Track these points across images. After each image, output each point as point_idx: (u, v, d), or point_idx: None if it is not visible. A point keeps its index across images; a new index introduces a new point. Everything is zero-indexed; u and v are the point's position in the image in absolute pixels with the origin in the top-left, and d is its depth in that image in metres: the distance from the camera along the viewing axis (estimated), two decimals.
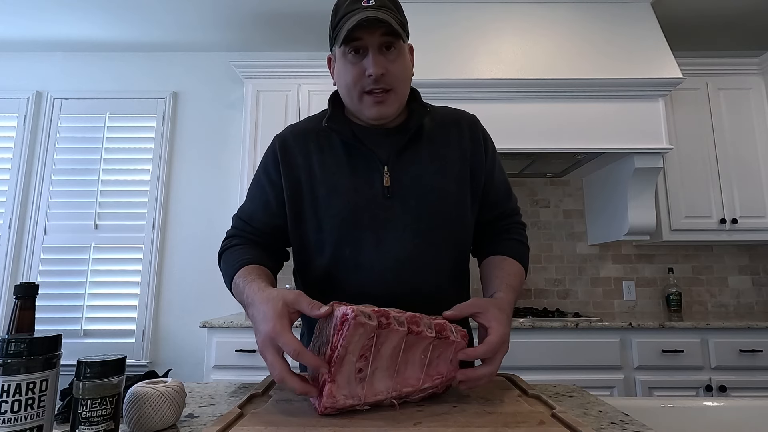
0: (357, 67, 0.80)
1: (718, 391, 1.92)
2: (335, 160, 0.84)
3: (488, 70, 2.20)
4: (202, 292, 2.69)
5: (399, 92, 0.83)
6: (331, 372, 0.57)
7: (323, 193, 0.83)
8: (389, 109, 0.82)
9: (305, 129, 0.90)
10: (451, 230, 0.85)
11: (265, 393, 0.69)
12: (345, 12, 0.79)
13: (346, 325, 0.56)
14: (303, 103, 2.52)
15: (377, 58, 0.79)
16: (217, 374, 2.00)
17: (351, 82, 0.81)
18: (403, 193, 0.83)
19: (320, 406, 0.57)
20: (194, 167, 2.82)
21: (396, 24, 0.78)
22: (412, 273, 0.81)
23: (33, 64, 2.91)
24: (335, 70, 0.86)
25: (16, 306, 0.55)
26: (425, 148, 0.87)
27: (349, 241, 0.81)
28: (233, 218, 0.91)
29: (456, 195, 0.86)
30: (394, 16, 0.80)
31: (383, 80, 0.79)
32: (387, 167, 0.83)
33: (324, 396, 0.57)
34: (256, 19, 2.60)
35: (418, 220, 0.82)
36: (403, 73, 0.83)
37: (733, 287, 2.66)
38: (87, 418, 0.53)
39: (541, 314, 2.25)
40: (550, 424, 0.55)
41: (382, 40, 0.78)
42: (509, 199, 0.95)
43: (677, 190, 2.41)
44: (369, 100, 0.81)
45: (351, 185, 0.82)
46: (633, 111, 2.18)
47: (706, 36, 2.75)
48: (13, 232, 2.70)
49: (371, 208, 0.82)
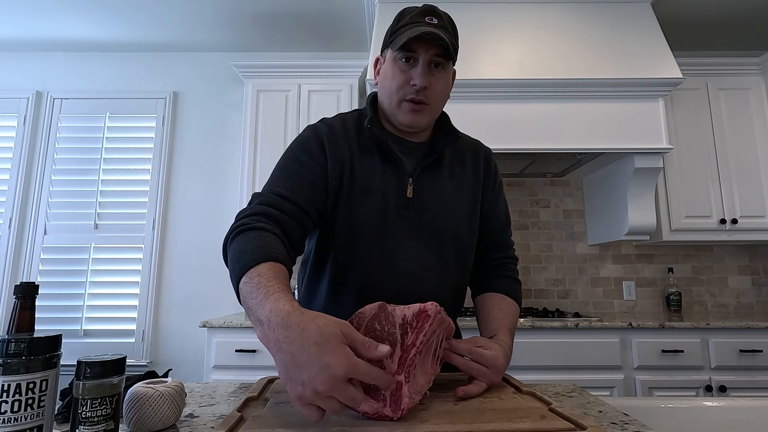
0: (405, 75, 0.84)
1: (718, 391, 1.92)
2: (372, 161, 0.87)
3: (488, 70, 2.20)
4: (202, 292, 2.69)
5: (435, 108, 0.88)
6: (407, 372, 0.56)
7: (357, 191, 0.85)
8: (423, 119, 0.86)
9: (345, 125, 0.91)
10: (459, 248, 0.90)
11: (260, 396, 0.69)
12: (409, 21, 0.84)
13: (429, 321, 0.57)
14: (303, 103, 2.52)
15: (426, 71, 0.83)
16: (217, 374, 2.00)
17: (396, 87, 0.85)
18: (421, 207, 0.87)
19: (397, 410, 0.55)
20: (194, 167, 2.82)
21: (451, 47, 0.82)
22: (419, 283, 0.85)
23: (33, 64, 2.91)
24: (382, 71, 0.90)
25: (16, 306, 0.55)
26: (446, 168, 0.92)
27: (369, 242, 0.84)
28: (255, 196, 0.78)
29: (467, 217, 0.91)
30: (451, 39, 0.84)
31: (425, 93, 0.84)
32: (412, 179, 0.87)
33: (403, 398, 0.55)
34: (257, 19, 2.60)
35: (431, 235, 0.87)
36: (443, 91, 0.88)
37: (733, 287, 2.66)
38: (87, 418, 0.53)
39: (541, 314, 2.25)
40: (552, 418, 0.57)
41: (434, 57, 0.83)
42: (506, 231, 1.00)
43: (677, 190, 2.41)
44: (407, 107, 0.85)
45: (381, 189, 0.85)
46: (633, 111, 2.18)
47: (706, 36, 2.75)
48: (13, 232, 2.70)
49: (393, 215, 0.85)
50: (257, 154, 2.47)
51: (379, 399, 0.56)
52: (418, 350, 0.57)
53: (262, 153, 2.46)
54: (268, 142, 2.47)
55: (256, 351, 2.00)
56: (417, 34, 0.79)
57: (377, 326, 0.60)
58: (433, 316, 0.58)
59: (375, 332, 0.60)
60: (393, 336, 0.58)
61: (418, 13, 0.84)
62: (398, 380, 0.56)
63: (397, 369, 0.57)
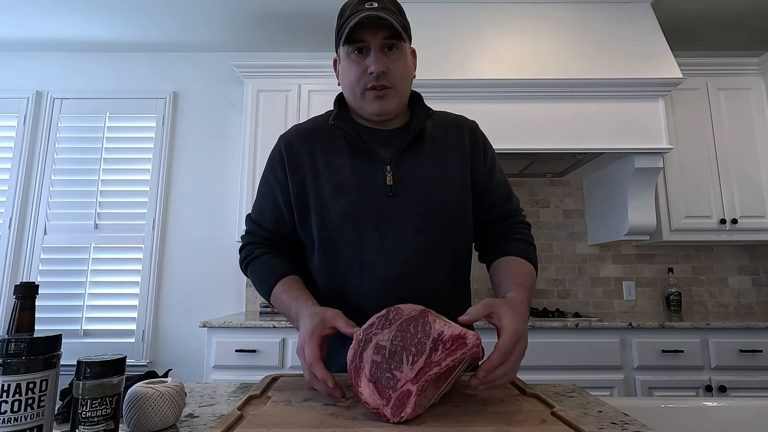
0: (360, 66, 0.83)
1: (718, 391, 1.92)
2: (340, 159, 0.87)
3: (488, 70, 2.20)
4: (202, 292, 2.69)
5: (400, 90, 0.86)
6: (420, 386, 0.56)
7: (328, 192, 0.85)
8: (390, 104, 0.85)
9: (310, 128, 0.92)
10: (452, 229, 0.87)
11: (263, 394, 0.69)
12: (350, 14, 0.83)
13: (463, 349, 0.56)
14: (303, 103, 2.52)
15: (379, 56, 0.82)
16: (217, 374, 2.00)
17: (354, 80, 0.84)
18: (406, 192, 0.85)
19: (397, 415, 0.55)
20: (194, 167, 2.82)
21: (398, 25, 0.81)
22: (414, 270, 0.83)
23: (33, 64, 2.91)
24: (340, 70, 0.89)
25: (16, 306, 0.55)
26: (427, 148, 0.89)
27: (353, 239, 0.83)
28: (246, 219, 0.95)
29: (457, 194, 0.88)
30: (396, 18, 0.83)
31: (384, 78, 0.82)
32: (390, 166, 0.85)
33: (407, 407, 0.55)
34: (257, 19, 2.59)
35: (421, 219, 0.84)
36: (404, 72, 0.86)
37: (733, 287, 2.66)
38: (87, 418, 0.53)
39: (541, 314, 2.25)
40: (552, 422, 0.55)
41: (384, 41, 0.82)
42: (509, 201, 0.95)
43: (677, 190, 2.41)
44: (371, 95, 0.84)
45: (355, 184, 0.84)
46: (633, 111, 2.18)
47: (706, 36, 2.75)
48: (13, 232, 2.70)
49: (374, 206, 0.84)
50: (257, 154, 2.47)
51: (384, 396, 0.56)
52: (441, 370, 0.56)
53: (262, 153, 2.46)
54: (268, 142, 2.47)
55: (256, 351, 2.00)
56: (356, 20, 0.78)
57: (411, 329, 0.60)
58: (470, 346, 0.57)
59: (407, 333, 0.60)
60: (422, 345, 0.58)
61: (358, 2, 0.83)
62: (409, 389, 0.56)
63: (413, 378, 0.56)
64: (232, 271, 2.70)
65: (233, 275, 2.70)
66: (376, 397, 0.57)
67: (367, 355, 0.60)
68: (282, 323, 2.02)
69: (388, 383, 0.57)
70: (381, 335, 0.61)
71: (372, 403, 0.57)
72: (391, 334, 0.61)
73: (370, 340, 0.61)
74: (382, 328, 0.62)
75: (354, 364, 0.61)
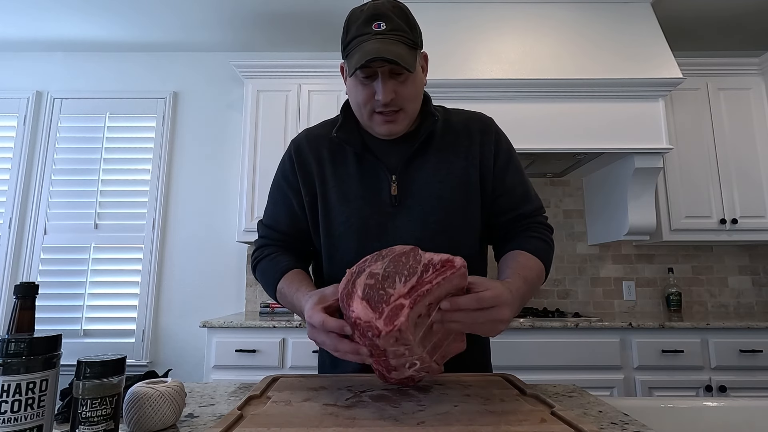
0: (368, 89, 0.81)
1: (718, 391, 1.92)
2: (346, 169, 0.87)
3: (488, 70, 2.20)
4: (202, 292, 2.69)
5: (409, 111, 0.84)
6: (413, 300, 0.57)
7: (334, 201, 0.86)
8: (399, 127, 0.84)
9: (319, 135, 0.92)
10: (455, 237, 0.85)
11: (263, 394, 0.69)
12: (356, 35, 0.78)
13: (452, 270, 0.59)
14: (303, 103, 2.52)
15: (387, 84, 0.79)
16: (217, 374, 2.00)
17: (362, 102, 0.82)
18: (409, 201, 0.85)
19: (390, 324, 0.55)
20: (194, 167, 2.82)
21: (406, 52, 0.77)
22: None
23: (33, 64, 2.91)
24: (347, 83, 0.85)
25: (16, 306, 0.55)
26: (433, 155, 0.88)
27: (355, 248, 0.83)
28: (258, 225, 0.95)
29: (460, 202, 0.86)
30: (406, 38, 0.78)
31: (393, 103, 0.80)
32: (395, 176, 0.85)
33: (401, 317, 0.55)
34: (257, 19, 2.59)
35: (423, 228, 0.84)
36: (413, 92, 0.83)
37: (733, 287, 2.66)
38: (87, 418, 0.53)
39: (541, 314, 2.25)
40: (552, 422, 0.55)
41: (393, 68, 0.78)
42: (527, 202, 0.91)
43: (677, 190, 2.41)
44: (379, 119, 0.83)
45: (360, 194, 0.85)
46: (633, 111, 2.18)
47: (706, 36, 2.75)
48: (13, 232, 2.70)
49: (379, 217, 0.84)
50: (257, 154, 2.46)
51: (377, 310, 0.57)
52: (432, 287, 0.58)
53: (262, 153, 2.46)
54: (268, 142, 2.47)
55: (256, 351, 2.00)
56: (363, 63, 0.74)
57: (403, 260, 0.62)
58: (458, 266, 0.60)
59: (399, 263, 0.61)
60: (414, 269, 0.60)
61: (363, 22, 0.78)
62: (402, 303, 0.57)
63: (406, 294, 0.58)
64: (232, 271, 2.71)
65: (233, 275, 2.70)
66: (369, 312, 0.57)
67: (360, 281, 0.61)
68: (282, 323, 2.02)
69: (381, 299, 0.58)
70: (374, 266, 0.62)
71: (364, 317, 0.57)
72: (384, 264, 0.62)
73: (364, 270, 0.62)
74: (375, 261, 0.63)
75: (346, 290, 0.61)
